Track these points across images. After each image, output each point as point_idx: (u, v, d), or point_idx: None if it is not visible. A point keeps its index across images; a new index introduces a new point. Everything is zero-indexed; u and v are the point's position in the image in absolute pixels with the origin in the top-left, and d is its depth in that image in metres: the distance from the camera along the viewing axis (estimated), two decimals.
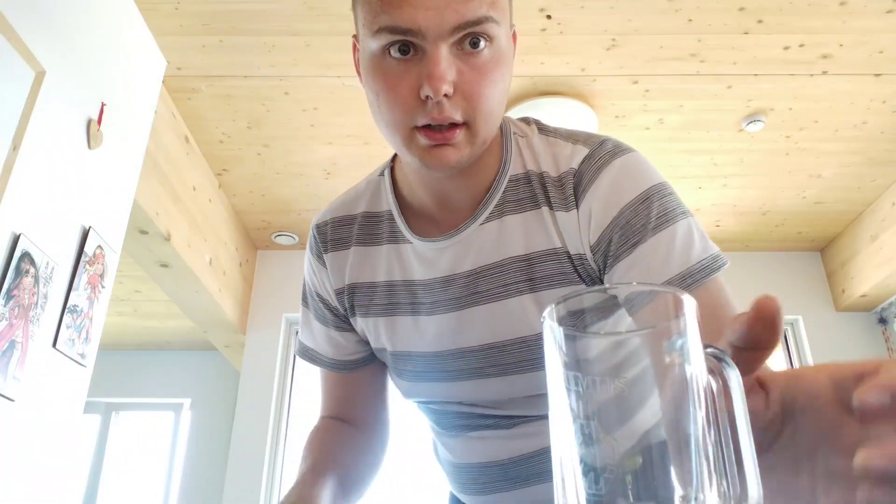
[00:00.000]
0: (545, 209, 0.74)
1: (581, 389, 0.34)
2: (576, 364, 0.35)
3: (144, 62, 2.47)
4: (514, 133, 0.79)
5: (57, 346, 1.87)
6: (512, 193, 0.76)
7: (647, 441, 0.34)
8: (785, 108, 2.88)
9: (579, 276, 0.74)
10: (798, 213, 3.70)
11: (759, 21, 2.43)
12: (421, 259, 0.79)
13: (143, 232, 2.72)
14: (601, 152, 0.73)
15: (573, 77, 2.71)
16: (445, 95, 0.64)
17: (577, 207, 0.73)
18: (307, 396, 3.94)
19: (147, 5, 2.37)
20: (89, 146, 2.06)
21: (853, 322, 3.86)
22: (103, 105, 2.13)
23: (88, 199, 2.08)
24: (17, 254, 1.71)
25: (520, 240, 0.75)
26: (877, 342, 3.80)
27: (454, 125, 0.66)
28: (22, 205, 1.74)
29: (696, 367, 0.34)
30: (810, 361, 3.78)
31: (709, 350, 0.36)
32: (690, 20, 2.43)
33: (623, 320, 0.39)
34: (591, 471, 0.34)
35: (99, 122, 2.10)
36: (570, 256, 0.73)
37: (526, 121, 0.82)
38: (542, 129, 0.80)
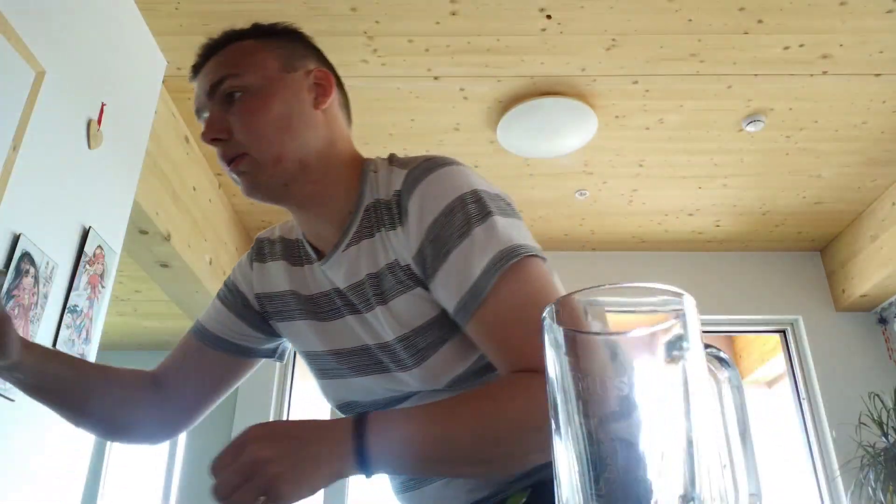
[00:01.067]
0: (383, 230, 0.86)
1: (581, 389, 0.34)
2: (576, 364, 0.35)
3: (144, 62, 2.47)
4: (371, 171, 0.91)
5: (57, 346, 1.87)
6: (366, 221, 0.88)
7: (647, 440, 0.34)
8: (785, 108, 2.88)
9: (416, 282, 0.83)
10: (798, 213, 3.70)
11: (759, 21, 2.43)
12: (316, 276, 0.94)
13: (143, 232, 2.72)
14: (417, 171, 0.84)
15: (573, 77, 2.71)
16: (220, 140, 0.85)
17: (402, 224, 0.84)
18: (306, 395, 3.93)
19: (147, 5, 2.37)
20: (89, 146, 2.06)
21: (853, 322, 3.86)
22: (103, 105, 2.13)
23: (88, 199, 2.08)
24: (17, 254, 1.71)
25: (370, 260, 0.87)
26: (877, 342, 3.80)
27: (239, 157, 0.84)
28: (22, 205, 1.74)
29: (696, 367, 0.34)
30: (810, 361, 3.78)
31: (709, 350, 0.36)
32: (690, 20, 2.43)
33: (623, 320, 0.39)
34: (592, 470, 0.34)
35: (99, 122, 2.10)
36: (402, 267, 0.84)
37: (385, 157, 0.94)
38: (392, 160, 0.91)
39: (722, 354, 0.36)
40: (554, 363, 0.36)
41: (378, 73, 2.70)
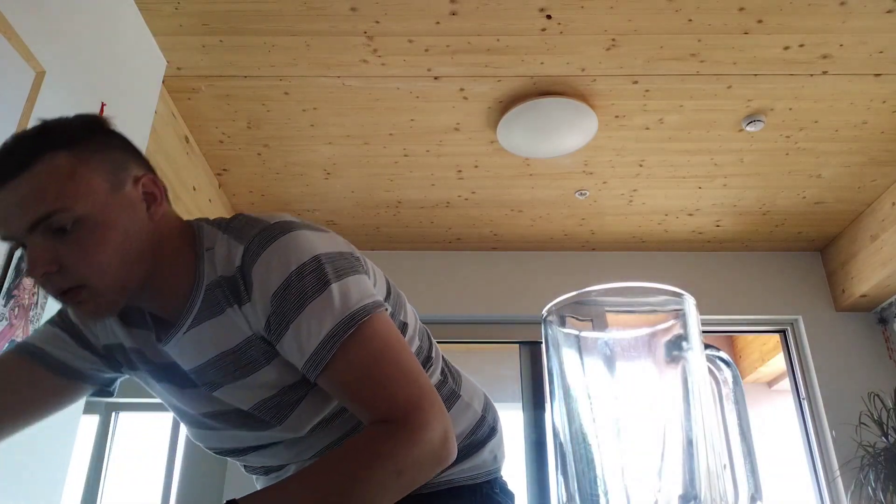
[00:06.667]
0: (235, 307, 0.84)
1: (582, 389, 0.34)
2: (579, 364, 0.35)
3: (144, 62, 2.47)
4: (206, 249, 0.88)
5: None
6: (209, 301, 0.86)
7: (647, 440, 0.34)
8: (785, 108, 2.88)
9: (276, 351, 0.85)
10: (798, 213, 3.70)
11: (759, 21, 2.43)
12: (159, 349, 0.91)
13: None
14: (254, 245, 0.83)
15: (573, 77, 2.71)
16: (50, 273, 0.76)
17: (251, 299, 0.83)
18: None
19: (147, 5, 2.37)
20: None
21: (853, 322, 3.86)
22: (103, 105, 2.13)
23: None
24: (18, 254, 1.71)
25: (219, 339, 0.86)
26: (877, 342, 3.80)
27: (76, 288, 0.78)
28: None
29: (696, 367, 0.34)
30: (811, 362, 3.78)
31: (709, 350, 0.36)
32: (690, 20, 2.43)
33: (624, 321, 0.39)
34: (591, 470, 0.34)
35: None
36: (261, 339, 0.85)
37: (218, 224, 0.91)
38: (227, 228, 0.89)
39: (722, 354, 0.36)
40: (555, 364, 0.36)
41: (378, 73, 2.70)
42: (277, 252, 0.81)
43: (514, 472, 3.63)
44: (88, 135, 0.83)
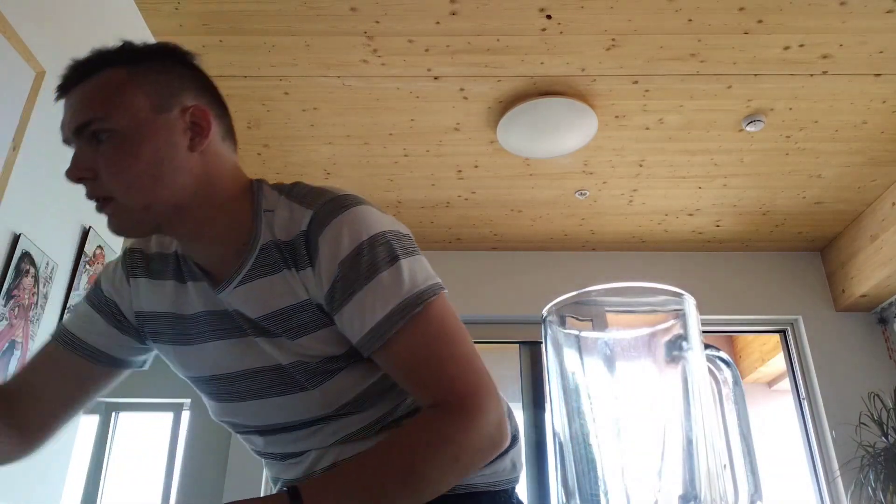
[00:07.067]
0: (292, 270, 0.84)
1: (582, 389, 0.34)
2: (579, 364, 0.35)
3: None
4: (265, 210, 0.88)
5: None
6: (262, 260, 0.86)
7: (647, 440, 0.34)
8: (785, 108, 2.88)
9: (331, 320, 0.84)
10: (798, 213, 3.70)
11: (759, 21, 2.43)
12: (199, 295, 0.91)
13: None
14: (324, 211, 0.83)
15: (573, 77, 2.71)
16: (86, 179, 0.82)
17: (312, 264, 0.83)
18: None
19: (147, 5, 2.37)
20: None
21: (853, 322, 3.86)
22: None
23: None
24: (17, 254, 1.71)
25: (270, 299, 0.85)
26: (877, 342, 3.80)
27: (105, 199, 0.82)
28: (22, 205, 1.74)
29: (696, 367, 0.34)
30: (811, 361, 3.78)
31: (709, 350, 0.36)
32: (690, 20, 2.43)
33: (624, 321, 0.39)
34: (592, 470, 0.34)
35: None
36: (317, 306, 0.84)
37: (279, 189, 0.90)
38: (289, 193, 0.89)
39: (722, 354, 0.36)
40: (555, 363, 0.36)
41: (378, 73, 2.70)
42: (349, 221, 0.82)
43: None
44: (152, 57, 0.86)
